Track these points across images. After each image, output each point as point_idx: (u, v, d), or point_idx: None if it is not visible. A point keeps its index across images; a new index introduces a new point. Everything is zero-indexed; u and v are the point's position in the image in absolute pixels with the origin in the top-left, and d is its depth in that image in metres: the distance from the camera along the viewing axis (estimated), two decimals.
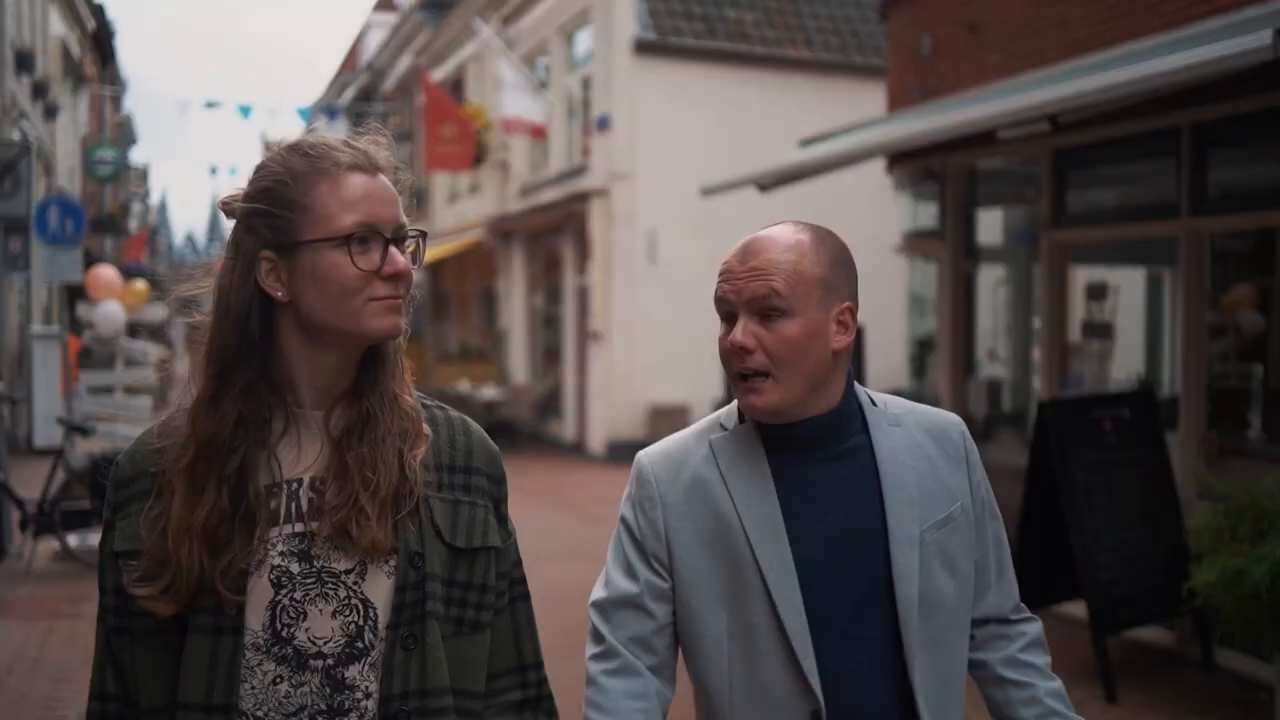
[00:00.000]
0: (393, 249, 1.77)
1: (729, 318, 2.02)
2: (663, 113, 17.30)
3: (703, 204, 12.96)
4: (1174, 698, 6.37)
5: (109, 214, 34.74)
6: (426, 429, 1.88)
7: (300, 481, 1.80)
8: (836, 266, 2.03)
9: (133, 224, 48.44)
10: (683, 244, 16.81)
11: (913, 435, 2.09)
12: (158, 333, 23.48)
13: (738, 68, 17.88)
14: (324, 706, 1.77)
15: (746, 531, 2.01)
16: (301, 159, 1.79)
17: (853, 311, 2.04)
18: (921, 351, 10.75)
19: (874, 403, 2.11)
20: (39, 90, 21.26)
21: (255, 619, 1.76)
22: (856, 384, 2.12)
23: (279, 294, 1.76)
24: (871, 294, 7.24)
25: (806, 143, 11.01)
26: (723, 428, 2.13)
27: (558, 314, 20.20)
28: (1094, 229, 8.31)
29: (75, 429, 10.15)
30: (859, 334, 9.00)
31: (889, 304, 12.75)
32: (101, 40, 32.77)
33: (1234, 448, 7.15)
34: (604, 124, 17.48)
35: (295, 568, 1.77)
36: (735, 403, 2.11)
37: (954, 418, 2.18)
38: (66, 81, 26.35)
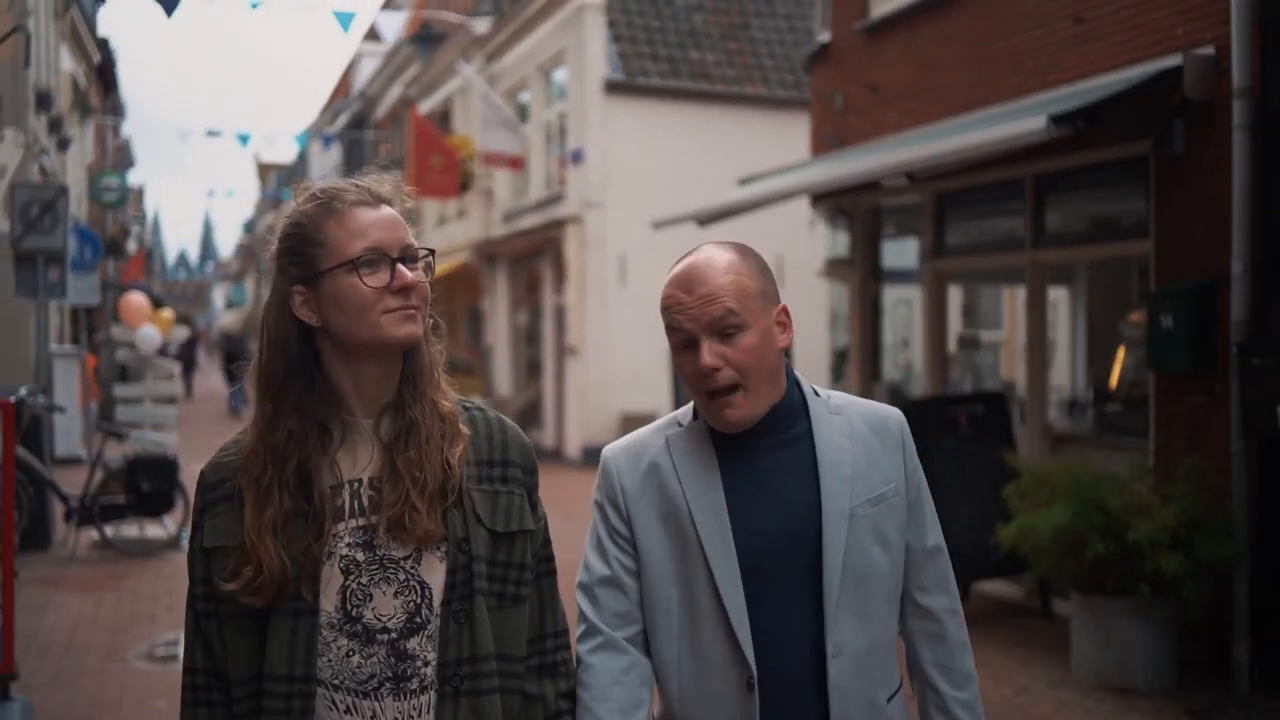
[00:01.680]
0: (399, 266, 2.01)
1: (687, 344, 2.20)
2: (631, 146, 18.76)
3: (668, 229, 14.56)
4: (1007, 636, 7.99)
5: (112, 238, 36.18)
6: (464, 429, 2.12)
7: (360, 481, 2.05)
8: (764, 275, 2.25)
9: (131, 246, 49.83)
10: (650, 266, 18.28)
11: (851, 422, 2.28)
12: (163, 351, 24.97)
13: (700, 105, 19.36)
14: (390, 674, 2.01)
15: (693, 515, 2.22)
16: (314, 204, 2.05)
17: (786, 311, 2.26)
18: (839, 362, 12.36)
19: (817, 394, 2.32)
20: (54, 125, 22.81)
21: (329, 602, 2.01)
22: (799, 377, 2.33)
23: (313, 320, 2.03)
24: (798, 311, 9.50)
25: (744, 181, 12.64)
26: (679, 424, 2.33)
27: (538, 331, 21.71)
28: (966, 259, 9.98)
29: (112, 434, 11.73)
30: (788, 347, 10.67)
31: (813, 320, 14.27)
32: (104, 70, 34.21)
33: (1070, 435, 8.79)
34: (578, 157, 19.06)
35: (361, 556, 2.02)
36: (691, 404, 2.32)
37: (895, 411, 2.35)
38: (74, 113, 27.85)
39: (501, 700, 2.05)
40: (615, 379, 18.71)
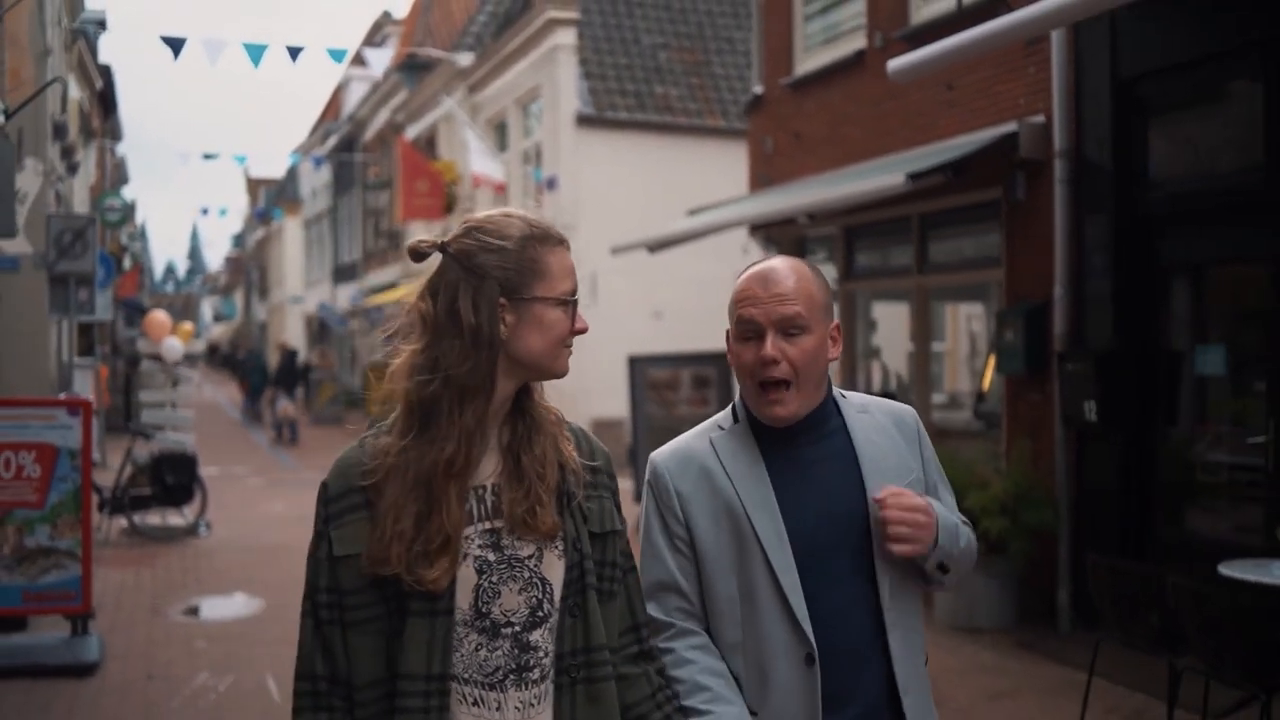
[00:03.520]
0: (579, 311, 2.20)
1: (751, 335, 2.37)
2: (601, 174, 20.34)
3: (635, 250, 16.10)
4: None
5: (111, 254, 37.70)
6: (568, 434, 2.26)
7: (485, 487, 2.15)
8: (827, 292, 2.44)
9: (126, 262, 51.34)
10: (619, 283, 19.85)
11: (877, 419, 2.47)
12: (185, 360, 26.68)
13: (665, 136, 21.00)
14: (514, 666, 2.12)
15: (745, 509, 2.36)
16: (532, 228, 2.16)
17: (839, 329, 2.44)
18: None
19: (843, 395, 2.49)
20: (65, 152, 24.46)
21: (464, 600, 2.10)
22: (831, 382, 2.49)
23: (502, 333, 2.12)
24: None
25: (693, 212, 14.40)
26: (720, 428, 2.49)
27: None
28: (869, 281, 11.78)
29: (140, 434, 13.44)
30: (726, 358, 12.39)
31: None
32: (105, 94, 35.80)
33: (948, 429, 10.56)
34: (552, 184, 20.81)
35: (492, 556, 2.12)
36: (729, 408, 2.51)
37: (908, 408, 2.56)
38: (80, 137, 29.45)
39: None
40: (586, 388, 20.23)
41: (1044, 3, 7.10)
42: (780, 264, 2.41)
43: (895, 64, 8.33)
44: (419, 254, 2.17)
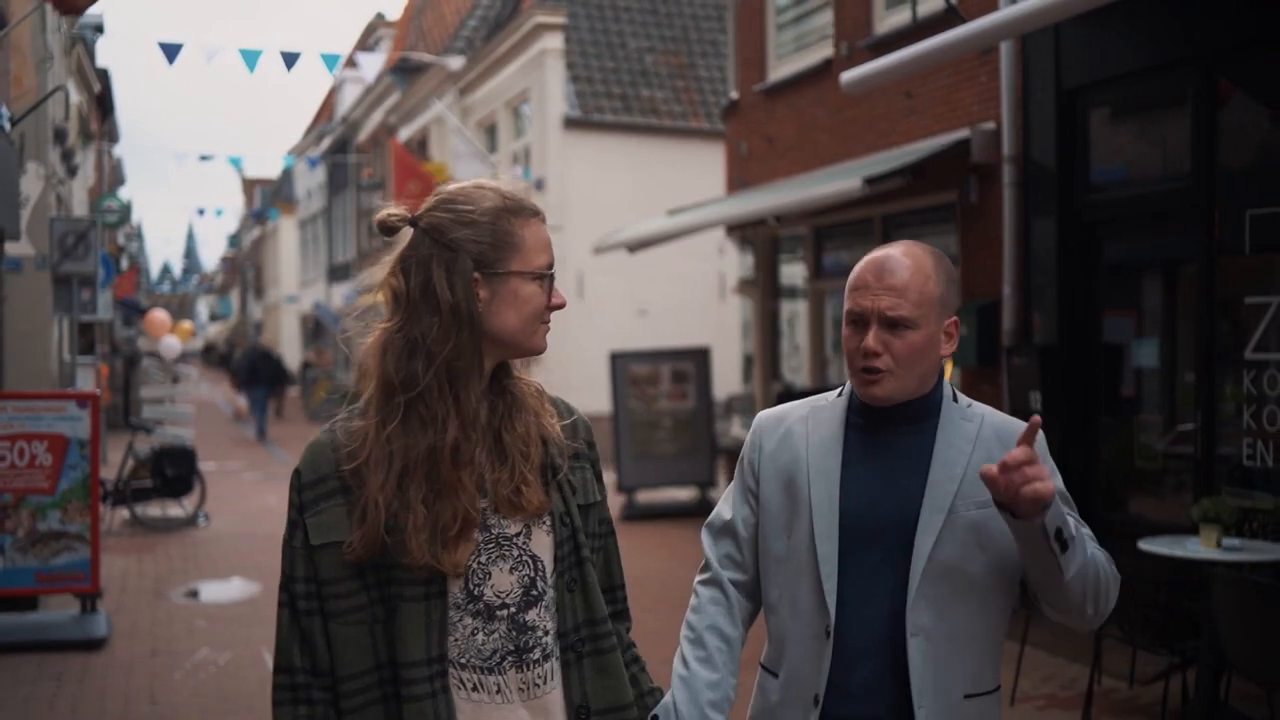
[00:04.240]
0: (555, 285, 2.14)
1: (859, 321, 2.35)
2: (588, 175, 20.86)
3: (620, 251, 16.65)
4: None
5: (109, 255, 38.15)
6: (550, 408, 2.22)
7: None
8: (950, 285, 2.37)
9: (124, 262, 51.79)
10: (605, 283, 20.35)
11: (980, 430, 2.37)
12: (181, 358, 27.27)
13: (650, 137, 21.51)
14: (512, 647, 2.08)
15: (809, 474, 2.40)
16: (506, 200, 2.10)
17: (956, 324, 2.39)
18: (748, 364, 14.69)
19: (956, 399, 2.43)
20: (65, 155, 24.95)
21: (455, 583, 2.06)
22: (949, 385, 2.45)
23: (477, 308, 2.06)
24: (718, 322, 12.12)
25: (672, 212, 14.94)
26: (827, 399, 2.51)
27: None
28: (837, 280, 12.29)
29: (141, 428, 13.97)
30: (708, 351, 12.97)
31: (730, 329, 16.42)
32: (102, 97, 36.28)
33: None
34: (540, 185, 21.32)
35: (479, 536, 2.07)
36: (846, 384, 2.49)
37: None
38: (79, 140, 29.93)
39: None
40: (573, 383, 20.64)
41: (984, 18, 7.66)
42: (898, 253, 2.36)
43: (847, 76, 8.87)
44: (389, 228, 2.11)
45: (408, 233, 2.11)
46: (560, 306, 2.15)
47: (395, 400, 2.04)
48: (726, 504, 2.54)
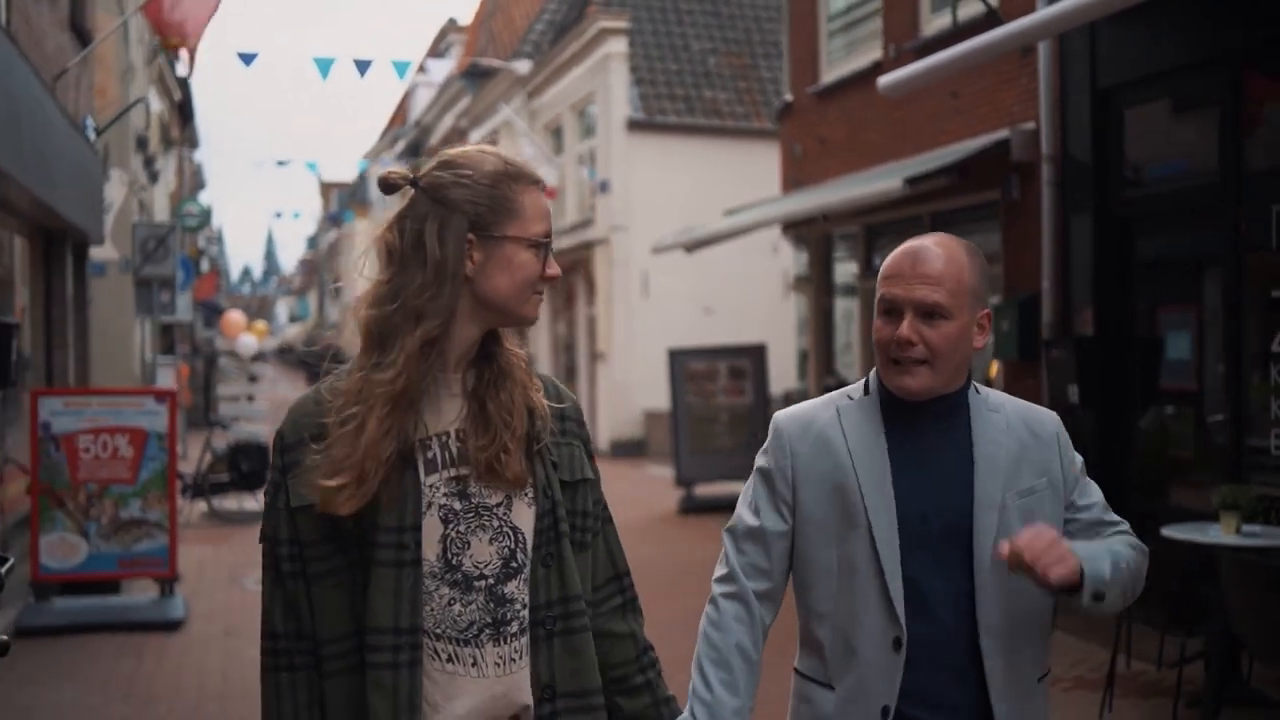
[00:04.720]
0: (551, 256, 2.13)
1: (892, 312, 2.32)
2: (651, 177, 21.25)
3: (682, 251, 16.94)
4: None
5: (190, 258, 39.16)
6: (536, 381, 2.19)
7: (448, 434, 2.08)
8: (982, 278, 2.36)
9: (204, 265, 53.02)
10: (668, 282, 20.76)
11: (1008, 419, 2.39)
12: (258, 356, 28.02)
13: (713, 138, 21.90)
14: (489, 620, 2.05)
15: (859, 481, 2.34)
16: (507, 165, 2.10)
17: (989, 317, 2.37)
18: (803, 360, 14.97)
19: (977, 391, 2.42)
20: (147, 162, 25.80)
21: (430, 551, 2.03)
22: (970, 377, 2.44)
23: (468, 270, 2.05)
24: (781, 319, 12.27)
25: (730, 212, 15.27)
26: (849, 398, 2.45)
27: (573, 339, 24.46)
28: None
29: (218, 425, 14.59)
30: (764, 348, 13.28)
31: (786, 325, 16.67)
32: (183, 105, 37.28)
33: None
34: (605, 187, 21.73)
35: (458, 505, 2.06)
36: (863, 380, 2.46)
37: (1050, 414, 2.48)
38: (160, 147, 30.83)
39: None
40: (637, 380, 21.20)
41: (1014, 23, 7.90)
42: (933, 243, 2.33)
43: (885, 80, 9.15)
44: (390, 185, 2.11)
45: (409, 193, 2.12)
46: (555, 278, 2.14)
47: (372, 350, 2.07)
48: (750, 509, 2.46)
